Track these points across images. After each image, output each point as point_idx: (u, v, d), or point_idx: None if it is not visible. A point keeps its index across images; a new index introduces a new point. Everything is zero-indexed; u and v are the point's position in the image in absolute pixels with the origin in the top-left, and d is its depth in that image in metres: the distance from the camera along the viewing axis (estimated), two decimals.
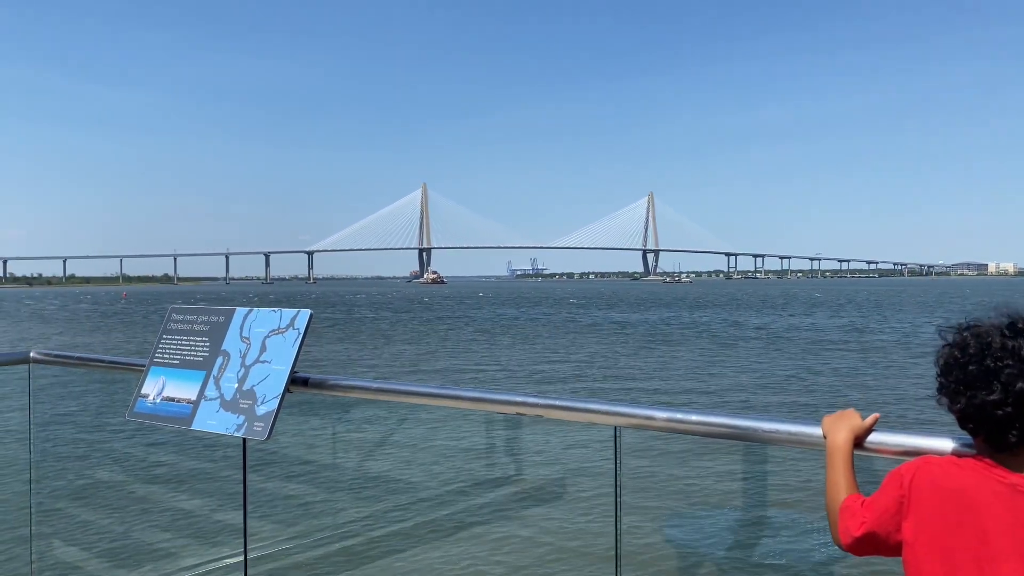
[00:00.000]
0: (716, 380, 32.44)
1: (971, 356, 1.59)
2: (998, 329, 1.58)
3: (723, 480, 7.41)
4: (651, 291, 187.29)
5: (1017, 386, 1.50)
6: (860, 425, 1.92)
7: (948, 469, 1.63)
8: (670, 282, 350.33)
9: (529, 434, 9.55)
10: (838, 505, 1.81)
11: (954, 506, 1.57)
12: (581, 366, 35.48)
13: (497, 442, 9.08)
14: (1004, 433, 1.54)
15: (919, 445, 1.88)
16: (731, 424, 2.28)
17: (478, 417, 8.66)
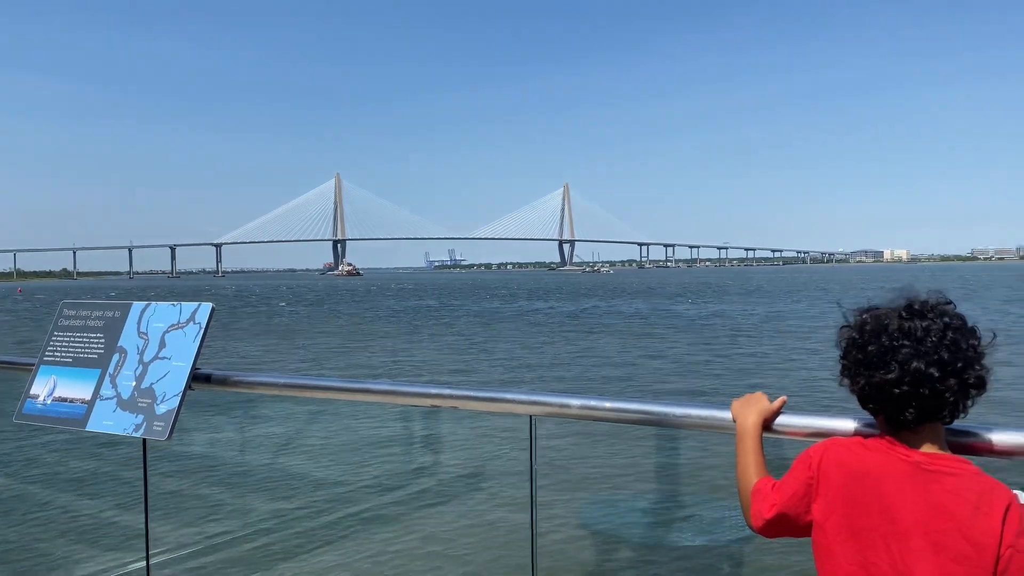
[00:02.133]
0: (633, 367, 33.11)
1: (870, 337, 1.62)
2: (896, 311, 1.62)
3: (640, 466, 7.54)
4: (569, 281, 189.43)
5: (912, 365, 1.54)
6: (768, 408, 1.95)
7: (854, 449, 1.66)
8: (589, 271, 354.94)
9: (447, 426, 9.50)
10: (749, 488, 1.82)
11: (861, 485, 1.60)
12: (499, 357, 35.57)
13: (415, 435, 8.99)
14: (902, 411, 1.58)
15: (826, 426, 1.92)
16: (644, 410, 2.29)
17: (395, 411, 8.55)
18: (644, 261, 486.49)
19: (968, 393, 1.58)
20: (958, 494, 1.51)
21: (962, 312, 1.65)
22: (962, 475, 1.54)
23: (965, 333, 1.59)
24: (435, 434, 9.32)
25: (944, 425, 1.63)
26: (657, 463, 7.05)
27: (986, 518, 1.47)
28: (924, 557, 1.50)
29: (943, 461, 1.57)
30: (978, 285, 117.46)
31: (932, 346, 1.55)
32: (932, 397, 1.55)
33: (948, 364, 1.54)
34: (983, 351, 1.61)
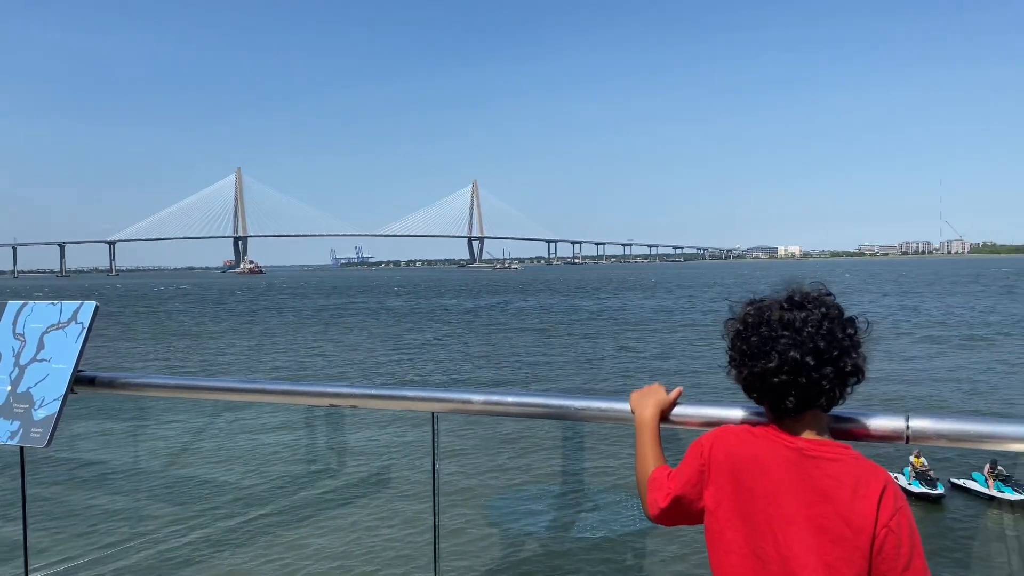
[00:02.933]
0: (540, 361, 33.44)
1: (752, 328, 1.68)
2: (778, 303, 1.68)
3: (547, 461, 7.59)
4: (480, 278, 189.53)
5: (790, 354, 1.59)
6: (665, 399, 1.97)
7: (743, 437, 1.71)
8: (500, 268, 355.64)
9: (351, 425, 9.33)
10: (646, 478, 1.85)
11: (747, 472, 1.65)
12: (404, 353, 35.27)
13: (319, 436, 8.77)
14: (783, 399, 1.63)
15: (719, 415, 1.96)
16: (546, 404, 2.30)
17: (299, 412, 8.33)
18: (552, 258, 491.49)
19: (845, 381, 1.63)
20: (838, 478, 1.57)
21: (840, 303, 1.71)
22: (842, 460, 1.60)
23: (841, 323, 1.65)
24: (339, 434, 9.15)
25: (825, 412, 1.68)
26: (564, 458, 7.13)
27: (863, 501, 1.54)
28: (806, 539, 1.55)
29: (824, 447, 1.63)
30: (866, 278, 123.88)
31: (808, 336, 1.60)
32: (810, 385, 1.60)
33: (824, 353, 1.59)
34: (859, 340, 1.67)
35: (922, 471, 15.32)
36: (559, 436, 6.66)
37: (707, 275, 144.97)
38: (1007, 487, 14.82)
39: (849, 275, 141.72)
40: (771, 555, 1.59)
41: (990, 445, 1.84)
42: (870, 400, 1.89)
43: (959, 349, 36.07)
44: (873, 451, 1.82)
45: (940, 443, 1.86)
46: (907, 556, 1.52)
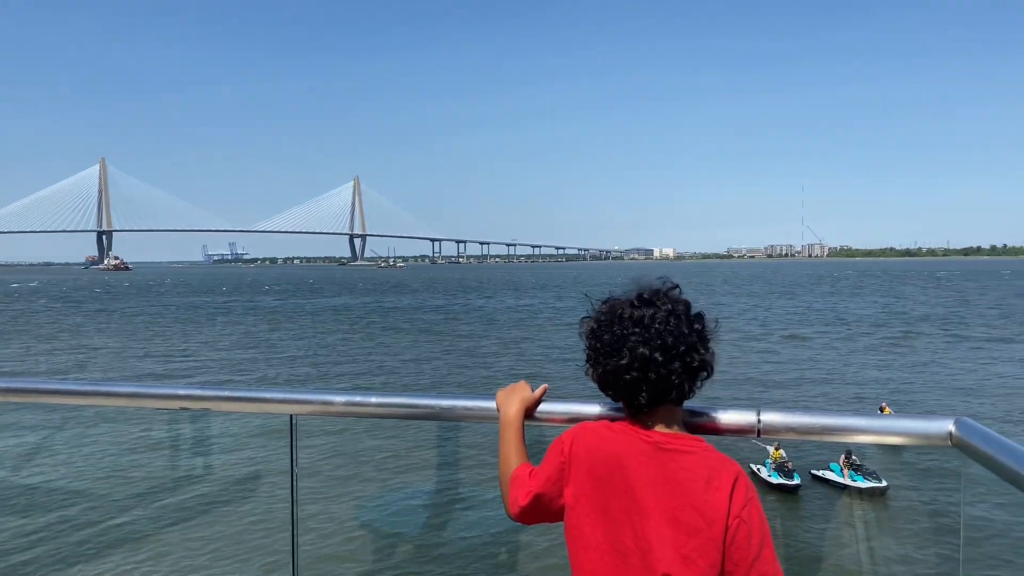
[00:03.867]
0: (421, 360, 33.25)
1: (605, 326, 1.70)
2: (629, 301, 1.71)
3: (417, 461, 7.50)
4: (363, 276, 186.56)
5: (639, 351, 1.62)
6: (530, 397, 1.98)
7: (602, 432, 1.71)
8: (384, 267, 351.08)
9: (211, 429, 8.89)
10: (508, 476, 1.84)
11: (606, 467, 1.65)
12: (274, 354, 34.23)
13: (179, 440, 8.32)
14: (636, 395, 1.65)
15: (581, 412, 1.98)
16: (411, 403, 2.24)
17: (161, 413, 7.87)
18: (437, 257, 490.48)
19: (694, 375, 1.67)
20: (692, 471, 1.59)
21: (689, 299, 1.74)
22: (696, 452, 1.63)
23: (689, 319, 1.68)
24: (200, 438, 8.72)
25: (677, 406, 1.71)
26: (439, 457, 7.06)
27: (716, 492, 1.56)
28: (662, 532, 1.57)
29: (679, 440, 1.65)
30: (730, 278, 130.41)
31: (656, 332, 1.63)
32: (659, 381, 1.62)
33: (671, 348, 1.62)
34: (708, 335, 1.71)
35: (781, 463, 16.18)
36: (435, 435, 6.59)
37: (585, 275, 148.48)
38: (859, 476, 15.89)
39: (721, 276, 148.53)
40: (629, 548, 1.59)
41: (834, 437, 1.93)
42: (725, 393, 1.91)
43: (812, 344, 38.56)
44: (738, 443, 1.87)
45: (789, 436, 1.94)
46: (758, 546, 1.55)
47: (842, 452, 16.28)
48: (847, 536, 5.56)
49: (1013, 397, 24.88)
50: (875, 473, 15.83)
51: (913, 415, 1.92)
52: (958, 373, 29.84)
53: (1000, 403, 24.01)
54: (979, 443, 1.69)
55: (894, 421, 1.90)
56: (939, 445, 1.83)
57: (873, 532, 5.10)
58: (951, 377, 29.02)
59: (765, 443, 16.61)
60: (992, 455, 1.61)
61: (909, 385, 27.61)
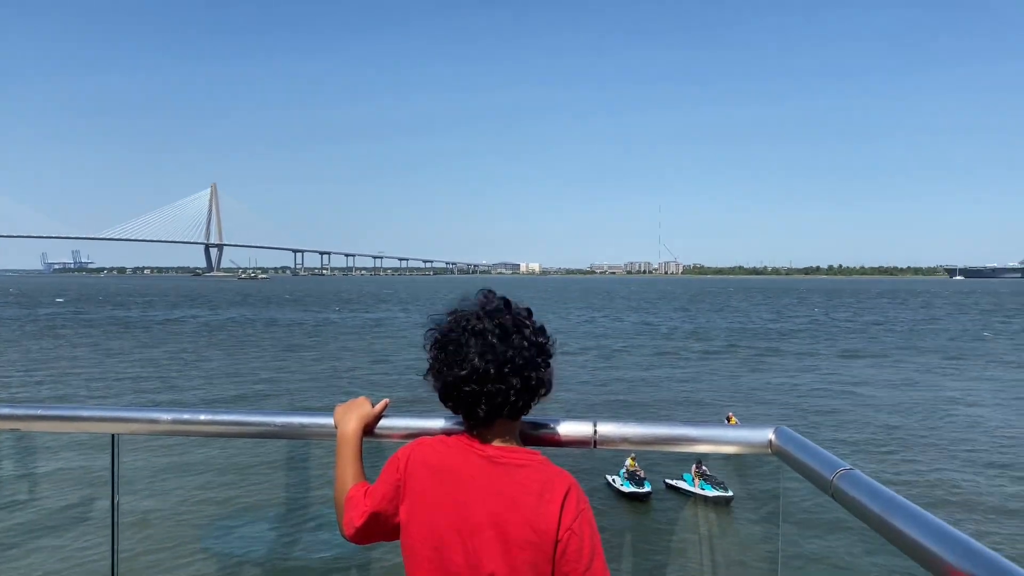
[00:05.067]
0: (274, 377, 32.11)
1: (448, 338, 1.69)
2: (473, 313, 1.70)
3: (265, 479, 7.17)
4: (219, 288, 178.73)
5: (478, 364, 1.62)
6: (370, 412, 1.95)
7: (437, 448, 1.70)
8: (244, 278, 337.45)
9: (24, 451, 8.15)
10: (344, 496, 1.79)
11: (441, 482, 1.64)
12: (99, 371, 32.16)
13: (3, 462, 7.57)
14: (474, 408, 1.65)
15: (422, 426, 1.95)
16: (243, 421, 2.13)
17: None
18: (299, 268, 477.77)
19: (533, 390, 1.67)
20: (524, 484, 1.60)
21: (529, 312, 1.76)
22: (529, 466, 1.63)
23: (530, 333, 1.69)
24: (10, 460, 7.98)
25: (516, 420, 1.71)
26: (284, 474, 6.79)
27: (548, 505, 1.57)
28: (494, 547, 1.56)
29: (514, 454, 1.66)
30: (598, 292, 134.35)
31: (496, 345, 1.63)
32: (497, 394, 1.62)
33: (511, 362, 1.63)
34: (548, 350, 1.72)
35: (633, 472, 16.71)
36: (285, 453, 6.35)
37: (451, 288, 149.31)
38: (707, 485, 16.66)
39: (577, 290, 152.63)
40: (460, 564, 1.58)
41: (666, 447, 1.99)
42: (565, 405, 1.94)
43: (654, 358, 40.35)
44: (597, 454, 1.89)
45: (624, 446, 1.98)
46: (588, 557, 1.56)
47: (693, 462, 17.00)
48: (692, 544, 5.77)
49: (855, 404, 26.94)
50: (722, 483, 16.62)
51: (738, 425, 2.02)
52: (805, 383, 32.00)
53: (838, 411, 25.93)
54: (794, 450, 1.78)
55: (720, 430, 1.98)
56: (761, 453, 1.93)
57: (716, 539, 5.32)
58: (799, 386, 31.07)
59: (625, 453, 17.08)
60: (805, 462, 1.71)
61: (758, 394, 29.35)
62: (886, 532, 1.35)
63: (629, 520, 14.93)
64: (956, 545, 1.17)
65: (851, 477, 1.53)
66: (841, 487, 1.52)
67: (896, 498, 1.40)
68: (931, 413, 25.54)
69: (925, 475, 18.00)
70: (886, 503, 1.39)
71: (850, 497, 1.48)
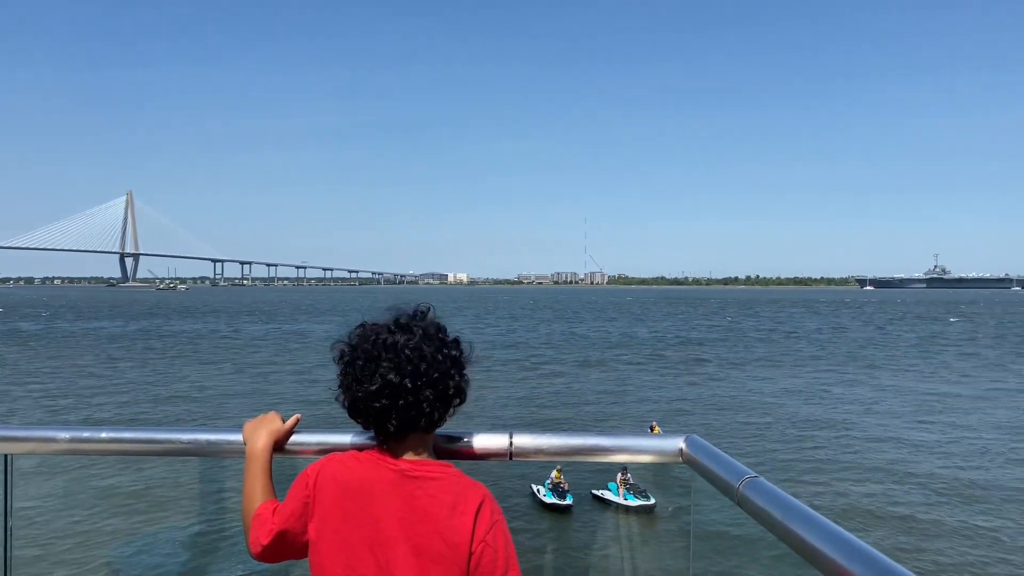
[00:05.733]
0: (176, 391, 31.08)
1: (359, 351, 1.66)
2: (384, 326, 1.68)
3: (177, 497, 6.91)
4: (134, 299, 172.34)
5: (390, 377, 1.59)
6: (280, 428, 1.89)
7: (348, 463, 1.66)
8: (163, 288, 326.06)
9: None
10: (251, 514, 1.73)
11: (352, 498, 1.61)
12: (26, 388, 30.65)
13: None
14: (385, 422, 1.62)
15: (334, 441, 1.90)
16: (147, 438, 2.04)
17: None
18: (219, 278, 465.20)
19: (447, 402, 1.66)
20: (437, 497, 1.58)
21: (445, 324, 1.74)
22: (442, 479, 1.62)
23: (444, 344, 1.68)
24: None
25: (427, 433, 1.69)
26: (198, 492, 6.58)
27: (461, 517, 1.56)
28: (407, 561, 1.54)
29: (427, 467, 1.64)
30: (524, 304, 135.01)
31: (408, 358, 1.61)
32: (409, 407, 1.60)
33: (423, 375, 1.61)
34: (463, 361, 1.71)
35: (557, 483, 16.77)
36: (198, 470, 6.15)
37: (376, 299, 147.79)
38: (630, 494, 16.86)
39: (507, 299, 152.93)
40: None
41: (582, 457, 1.99)
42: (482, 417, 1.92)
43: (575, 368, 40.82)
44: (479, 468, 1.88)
45: (539, 457, 1.98)
46: (503, 568, 1.56)
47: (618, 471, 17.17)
48: (614, 552, 5.86)
49: (770, 412, 27.75)
50: (644, 491, 16.84)
51: (652, 434, 2.05)
52: (726, 391, 32.80)
53: (753, 418, 26.67)
54: (703, 459, 1.82)
55: (634, 440, 2.00)
56: (673, 462, 1.96)
57: (636, 548, 5.42)
58: (720, 394, 31.82)
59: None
60: (713, 470, 1.75)
61: (681, 402, 29.93)
62: (788, 539, 1.38)
63: (551, 532, 15.01)
64: (854, 552, 1.20)
65: (756, 485, 1.56)
66: (746, 494, 1.55)
67: (798, 505, 1.43)
68: (841, 420, 26.52)
69: (832, 483, 18.53)
70: (788, 510, 1.42)
71: (754, 504, 1.52)
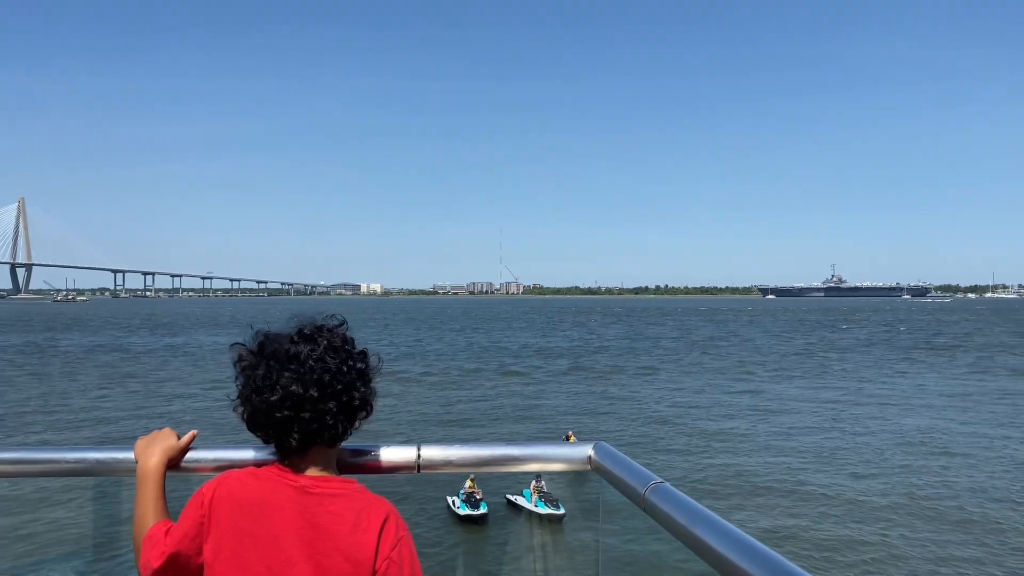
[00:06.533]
0: (67, 407, 29.62)
1: (259, 361, 1.60)
2: (288, 336, 1.62)
3: (64, 524, 6.51)
4: (29, 312, 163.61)
5: (292, 388, 1.54)
6: (175, 445, 1.81)
7: (245, 480, 1.60)
8: (62, 300, 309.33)
9: None
10: (143, 536, 1.64)
11: (249, 517, 1.55)
12: None
13: None
14: (287, 436, 1.57)
15: (235, 457, 1.82)
16: (27, 459, 1.91)
17: None
18: (120, 290, 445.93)
19: (352, 415, 1.62)
20: (339, 514, 1.53)
21: (355, 336, 1.70)
22: (345, 495, 1.57)
23: (350, 356, 1.64)
24: None
25: (332, 447, 1.64)
26: (89, 517, 6.23)
27: (364, 534, 1.52)
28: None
29: (329, 483, 1.59)
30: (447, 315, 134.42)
31: (311, 369, 1.56)
32: (312, 420, 1.56)
33: (328, 387, 1.56)
34: (369, 374, 1.67)
35: (471, 493, 16.73)
36: (91, 491, 5.81)
37: (290, 310, 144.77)
38: (541, 502, 16.96)
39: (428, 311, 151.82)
40: None
41: (490, 468, 1.98)
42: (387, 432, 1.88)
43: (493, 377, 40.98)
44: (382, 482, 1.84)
45: (448, 470, 1.96)
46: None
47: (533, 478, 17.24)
48: (527, 563, 5.87)
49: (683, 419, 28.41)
50: (556, 501, 16.95)
51: (561, 442, 2.05)
52: (644, 398, 33.40)
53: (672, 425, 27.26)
54: (611, 465, 1.83)
55: (543, 448, 2.00)
56: (582, 469, 1.96)
57: (549, 556, 5.45)
58: (638, 402, 32.39)
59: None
60: (620, 476, 1.76)
61: (598, 410, 30.33)
62: (692, 544, 1.39)
63: (464, 544, 14.95)
64: (755, 556, 1.22)
65: (661, 490, 1.58)
66: (651, 500, 1.57)
67: (702, 510, 1.45)
68: (753, 425, 27.37)
69: (739, 488, 19.00)
70: (691, 515, 1.44)
71: (659, 510, 1.53)
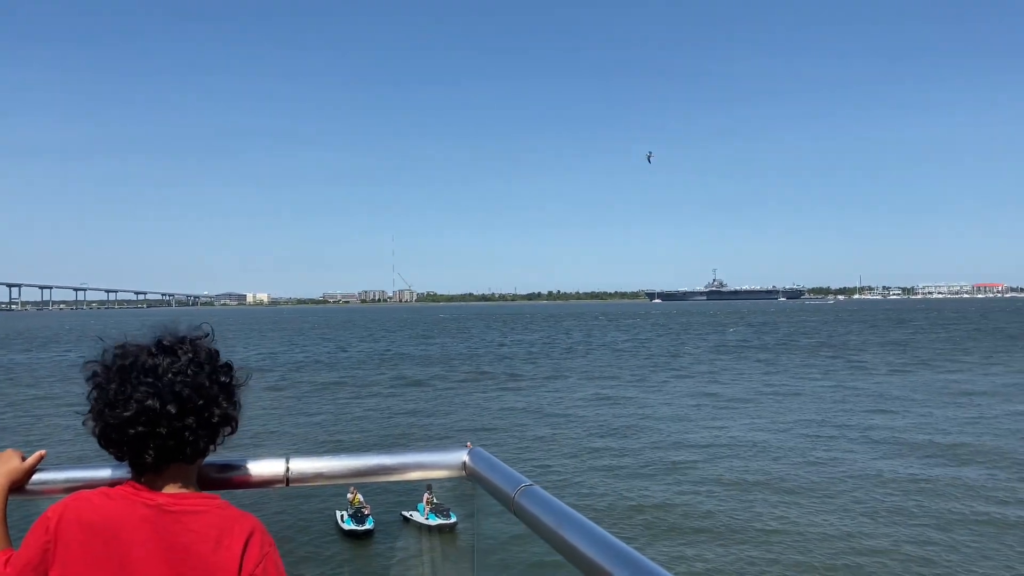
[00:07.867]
0: None
1: (113, 375, 1.52)
2: (146, 347, 1.56)
3: None
4: None
5: (148, 403, 1.47)
6: (19, 467, 1.68)
7: (96, 501, 1.50)
8: None
9: None
10: None
11: (99, 540, 1.45)
12: None
13: None
14: (141, 453, 1.49)
15: (88, 477, 1.71)
16: None
17: None
18: None
19: (214, 430, 1.56)
20: (200, 532, 1.47)
21: (217, 348, 1.63)
22: (206, 512, 1.51)
23: (213, 369, 1.58)
24: None
25: (191, 464, 1.57)
26: None
27: (227, 551, 1.46)
28: None
29: (188, 500, 1.52)
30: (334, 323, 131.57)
31: (170, 382, 1.50)
32: (170, 436, 1.49)
33: (188, 401, 1.50)
34: (233, 387, 1.62)
35: (358, 508, 16.46)
36: None
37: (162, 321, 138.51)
38: (433, 514, 16.86)
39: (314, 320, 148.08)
40: None
41: (364, 479, 1.95)
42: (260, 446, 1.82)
43: None
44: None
45: (320, 482, 1.91)
46: None
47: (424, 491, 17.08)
48: (415, 572, 5.78)
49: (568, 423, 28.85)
50: (447, 510, 16.89)
51: (435, 448, 2.03)
52: (539, 403, 33.72)
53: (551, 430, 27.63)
54: (484, 470, 1.84)
55: (416, 456, 1.98)
56: (458, 475, 1.96)
57: (437, 565, 5.40)
58: (530, 407, 32.66)
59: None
60: (492, 480, 1.77)
61: (486, 417, 30.41)
62: (559, 546, 1.41)
63: (349, 560, 14.71)
64: (618, 556, 1.24)
65: (530, 493, 1.60)
66: (521, 503, 1.58)
67: (569, 512, 1.47)
68: (636, 429, 28.08)
69: (624, 489, 19.30)
70: (559, 517, 1.46)
71: (528, 512, 1.55)
